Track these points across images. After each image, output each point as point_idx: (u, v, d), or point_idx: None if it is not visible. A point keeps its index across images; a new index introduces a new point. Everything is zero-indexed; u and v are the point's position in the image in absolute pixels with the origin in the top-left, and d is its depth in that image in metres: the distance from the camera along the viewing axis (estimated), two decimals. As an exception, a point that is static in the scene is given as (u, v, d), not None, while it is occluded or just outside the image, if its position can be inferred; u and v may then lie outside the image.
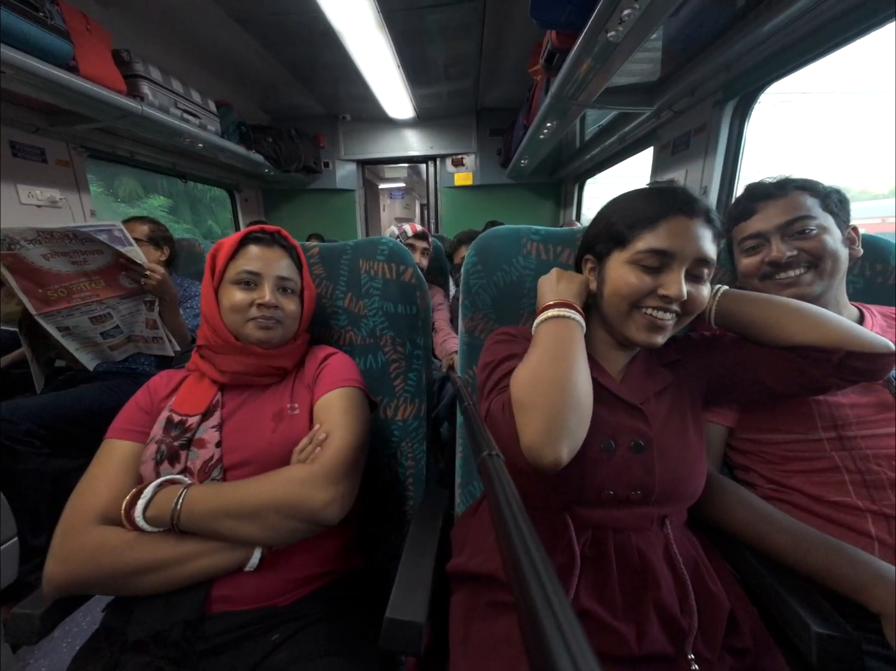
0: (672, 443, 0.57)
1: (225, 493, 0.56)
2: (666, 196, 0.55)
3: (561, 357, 0.52)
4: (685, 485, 0.56)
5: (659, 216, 0.54)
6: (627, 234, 0.56)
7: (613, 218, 0.59)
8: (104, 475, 0.61)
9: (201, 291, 0.71)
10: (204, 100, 2.38)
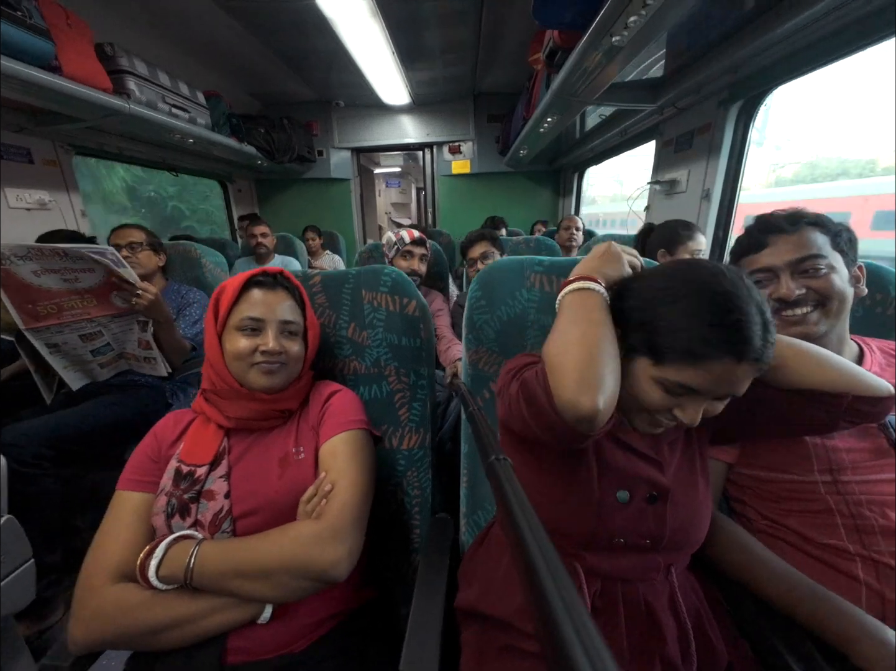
0: (683, 492, 0.58)
1: (236, 553, 0.57)
2: (725, 326, 0.46)
3: (585, 319, 0.53)
4: (693, 533, 0.58)
5: (707, 355, 0.46)
6: (666, 355, 0.49)
7: (658, 322, 0.50)
8: (117, 531, 0.62)
9: (205, 337, 0.71)
10: (192, 92, 2.29)
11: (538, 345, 0.81)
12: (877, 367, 0.70)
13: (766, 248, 0.74)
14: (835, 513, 0.63)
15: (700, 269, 0.51)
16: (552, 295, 0.81)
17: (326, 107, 3.59)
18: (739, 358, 0.45)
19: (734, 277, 0.48)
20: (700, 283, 0.49)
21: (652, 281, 0.54)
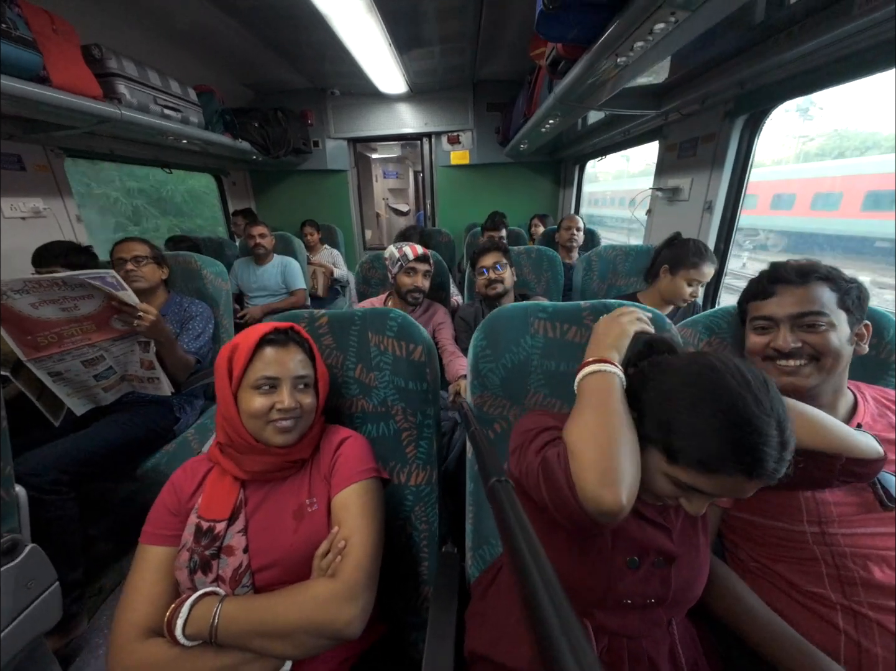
0: (687, 554, 0.61)
1: (257, 613, 0.61)
2: (742, 447, 0.46)
3: (604, 406, 0.55)
4: (694, 590, 0.62)
5: (720, 469, 0.47)
6: (680, 458, 0.50)
7: (676, 425, 0.50)
8: (143, 587, 0.66)
9: (219, 394, 0.72)
10: (183, 89, 2.23)
11: (542, 389, 0.84)
12: (869, 418, 0.73)
13: (772, 296, 0.76)
14: (820, 563, 0.67)
15: (725, 376, 0.49)
16: (556, 340, 0.83)
17: (321, 95, 3.48)
18: (751, 476, 0.46)
19: (759, 391, 0.48)
20: (723, 395, 0.48)
21: (673, 377, 0.53)
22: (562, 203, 3.88)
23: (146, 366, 1.40)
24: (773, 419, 0.47)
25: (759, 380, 0.50)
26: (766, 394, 0.48)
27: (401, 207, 6.76)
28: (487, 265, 1.59)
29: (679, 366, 0.55)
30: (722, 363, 0.51)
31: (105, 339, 1.28)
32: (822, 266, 0.74)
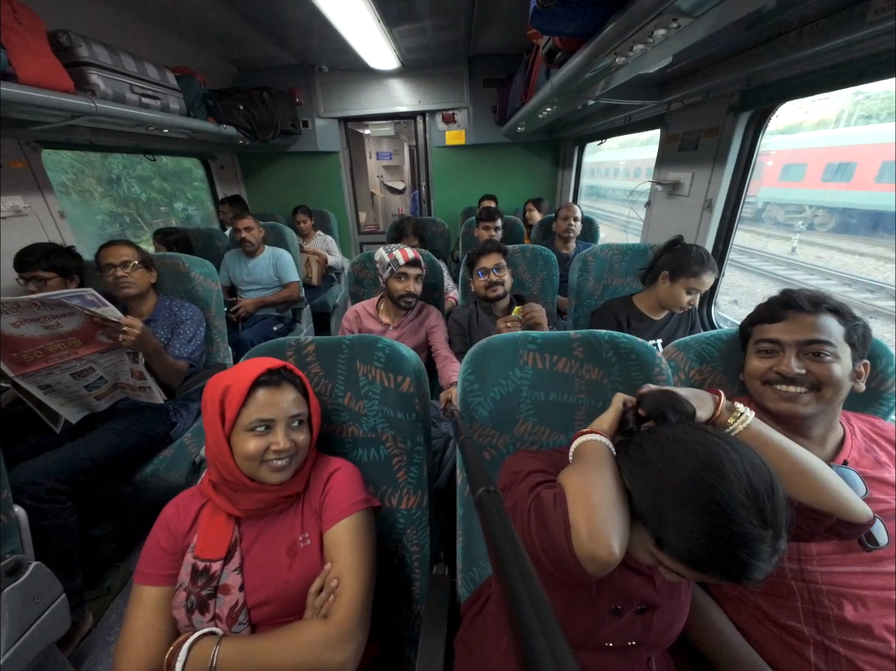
0: (669, 599, 0.63)
1: (254, 656, 0.63)
2: (733, 558, 0.44)
3: (601, 465, 0.56)
4: (675, 630, 0.64)
5: (706, 570, 0.47)
6: (667, 548, 0.49)
7: (666, 518, 0.49)
8: (141, 629, 0.67)
9: (210, 436, 0.72)
10: (161, 73, 2.11)
11: (531, 418, 0.84)
12: (856, 453, 0.73)
13: (781, 321, 0.76)
14: (797, 598, 0.69)
15: (731, 483, 0.46)
16: (545, 371, 0.83)
17: (309, 72, 3.31)
18: (738, 582, 0.45)
19: (763, 502, 0.45)
20: (724, 508, 0.45)
21: (674, 470, 0.50)
22: (560, 185, 3.77)
23: (136, 376, 1.40)
24: (772, 531, 0.45)
25: (768, 486, 0.47)
26: (771, 502, 0.46)
27: (396, 185, 6.57)
28: (488, 267, 1.55)
29: (685, 457, 0.50)
30: (732, 465, 0.47)
31: (93, 353, 1.27)
32: (833, 298, 0.74)
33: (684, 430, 0.55)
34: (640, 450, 0.56)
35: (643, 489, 0.53)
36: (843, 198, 5.09)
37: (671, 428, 0.57)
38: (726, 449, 0.49)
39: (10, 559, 0.95)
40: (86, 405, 1.38)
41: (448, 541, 1.04)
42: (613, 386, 0.80)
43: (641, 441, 0.58)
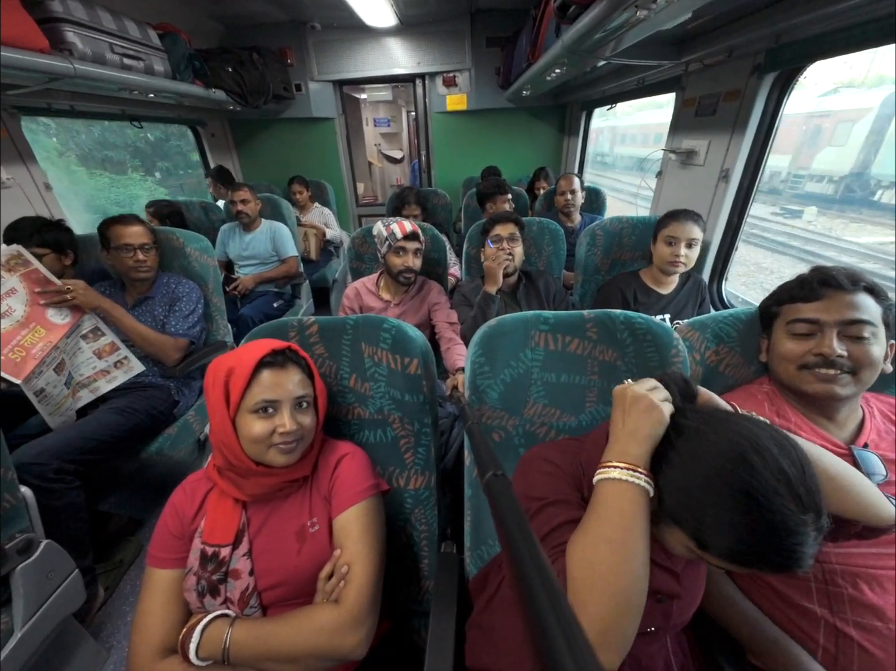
0: (689, 583, 0.62)
1: (266, 639, 0.64)
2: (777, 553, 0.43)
3: (622, 540, 0.48)
4: (691, 613, 0.64)
5: (754, 565, 0.44)
6: (710, 549, 0.46)
7: (705, 519, 0.46)
8: (154, 609, 0.68)
9: (214, 420, 0.70)
10: (143, 31, 1.97)
11: (541, 400, 0.82)
12: (875, 435, 0.72)
13: (818, 300, 0.72)
14: (811, 578, 0.69)
15: (762, 473, 0.44)
16: (557, 353, 0.80)
17: (300, 30, 3.10)
18: (787, 571, 0.44)
19: (798, 485, 0.43)
20: (759, 497, 0.43)
21: (704, 467, 0.47)
22: (566, 153, 3.62)
23: (106, 352, 1.38)
24: (812, 513, 0.43)
25: (798, 467, 0.45)
26: (804, 484, 0.44)
27: (394, 154, 6.34)
28: (502, 235, 1.51)
29: (709, 453, 0.48)
30: (758, 454, 0.45)
31: (62, 338, 1.27)
32: (867, 277, 0.71)
33: (702, 419, 0.52)
34: (664, 441, 0.52)
35: (673, 491, 0.49)
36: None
37: (688, 417, 0.53)
38: (749, 434, 0.47)
39: (20, 538, 0.96)
40: (66, 412, 1.35)
41: (455, 518, 1.05)
42: (628, 367, 0.78)
43: (668, 430, 0.53)
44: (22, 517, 1.00)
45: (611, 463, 0.52)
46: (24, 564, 0.96)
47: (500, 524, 0.34)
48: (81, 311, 1.33)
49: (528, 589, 0.26)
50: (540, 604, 0.25)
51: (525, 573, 0.27)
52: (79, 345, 1.35)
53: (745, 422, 0.49)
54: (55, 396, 1.27)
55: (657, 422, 0.52)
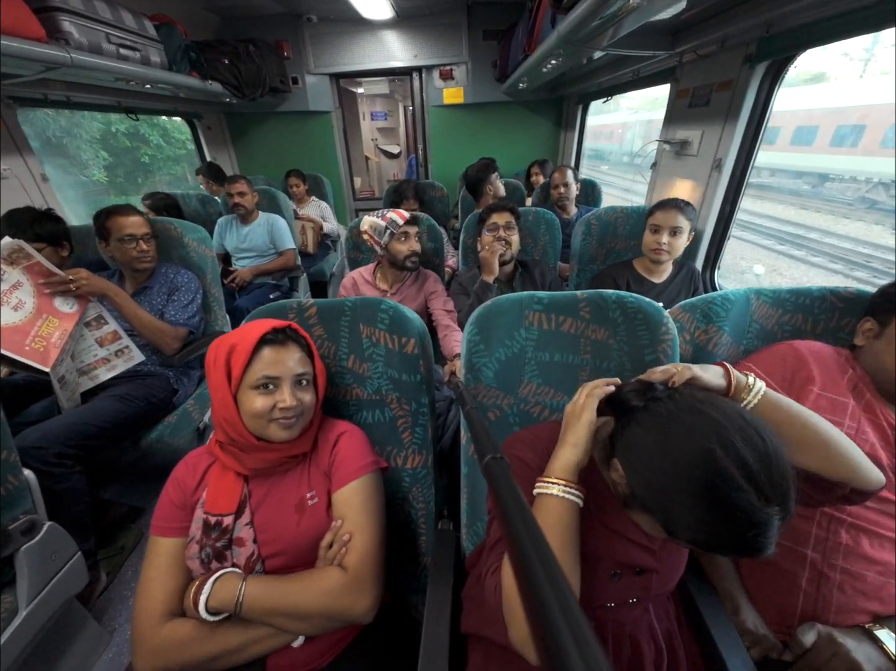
0: (668, 555, 0.64)
1: (278, 598, 0.66)
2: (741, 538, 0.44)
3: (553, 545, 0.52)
4: (674, 580, 0.67)
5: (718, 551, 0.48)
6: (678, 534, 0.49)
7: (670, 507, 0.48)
8: (158, 575, 0.70)
9: (216, 396, 0.72)
10: (139, 22, 1.96)
11: (535, 379, 0.85)
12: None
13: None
14: (812, 523, 0.71)
15: (727, 467, 0.44)
16: (551, 332, 0.82)
17: (297, 22, 3.09)
18: (753, 557, 0.46)
19: (760, 476, 0.44)
20: (722, 492, 0.44)
21: (667, 462, 0.48)
22: (563, 146, 3.63)
23: (108, 340, 1.40)
24: (776, 505, 0.44)
25: (763, 459, 0.45)
26: (769, 476, 0.44)
27: (391, 149, 6.33)
28: (499, 223, 1.53)
29: (675, 447, 0.49)
30: (723, 447, 0.45)
31: (74, 325, 1.29)
32: None
33: (675, 405, 0.53)
34: (634, 432, 0.54)
35: (643, 485, 0.51)
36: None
37: (661, 404, 0.54)
38: (715, 426, 0.47)
39: (24, 520, 0.98)
40: (77, 396, 1.38)
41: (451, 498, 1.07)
42: (619, 346, 0.80)
43: (638, 420, 0.55)
44: (25, 499, 1.01)
45: (549, 478, 0.58)
46: (28, 545, 0.98)
47: (499, 506, 0.35)
48: (86, 299, 1.34)
49: (527, 570, 0.26)
50: (539, 585, 0.25)
51: (524, 554, 0.28)
52: (81, 332, 1.36)
53: (714, 411, 0.49)
54: (71, 383, 1.30)
55: (579, 425, 0.59)
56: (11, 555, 0.95)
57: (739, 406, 0.52)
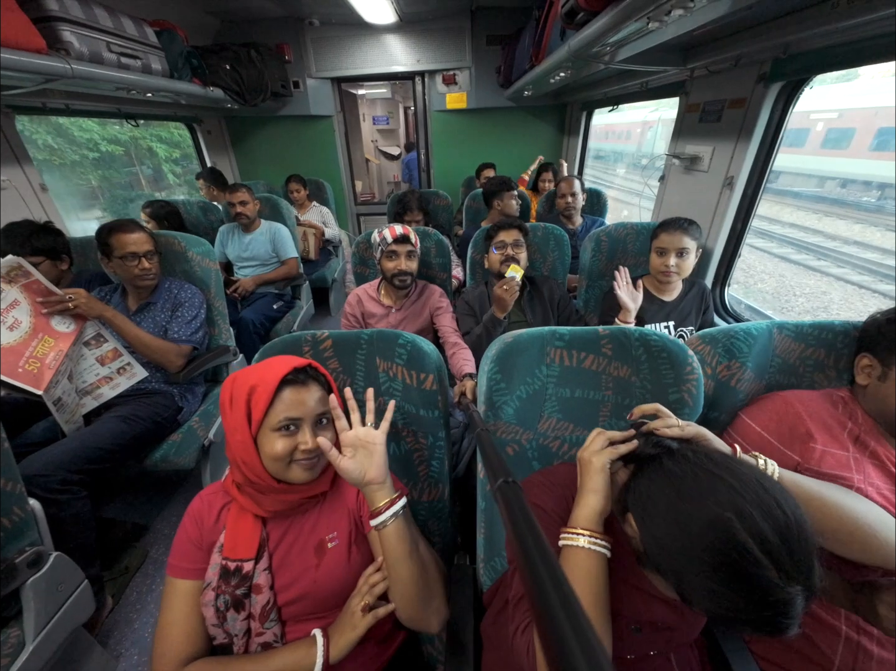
0: (691, 614, 0.62)
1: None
2: (759, 618, 0.42)
3: (585, 598, 0.51)
4: (697, 632, 0.65)
5: (732, 626, 0.47)
6: (694, 604, 0.46)
7: (687, 583, 0.46)
8: (177, 621, 0.69)
9: (235, 438, 0.69)
10: (140, 29, 1.93)
11: (555, 414, 0.83)
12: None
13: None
14: (840, 632, 0.67)
15: (745, 542, 0.41)
16: (572, 368, 0.81)
17: (298, 26, 3.05)
18: (772, 637, 0.43)
19: (781, 554, 0.41)
20: (740, 569, 0.41)
21: (682, 530, 0.46)
22: (566, 153, 3.62)
23: (109, 358, 1.38)
24: (798, 583, 0.41)
25: (782, 532, 0.42)
26: (790, 552, 0.41)
27: (391, 150, 6.29)
28: (507, 241, 1.52)
29: (690, 515, 0.46)
30: (740, 519, 0.43)
31: (71, 346, 1.27)
32: None
33: (689, 466, 0.50)
34: (648, 487, 0.52)
35: (656, 546, 0.49)
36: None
37: (676, 460, 0.52)
38: (730, 496, 0.45)
39: (30, 552, 0.96)
40: (76, 420, 1.35)
41: (466, 527, 1.06)
42: (642, 384, 0.78)
43: (651, 476, 0.53)
44: (31, 530, 0.99)
45: (574, 529, 0.56)
46: (35, 577, 0.96)
47: (512, 530, 0.34)
48: (84, 318, 1.32)
49: (541, 595, 0.26)
50: (553, 611, 0.25)
51: (537, 579, 0.27)
52: (81, 352, 1.34)
53: (731, 475, 0.47)
54: (69, 404, 1.27)
55: (594, 473, 0.58)
56: (18, 588, 0.93)
57: (759, 470, 0.49)
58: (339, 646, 0.67)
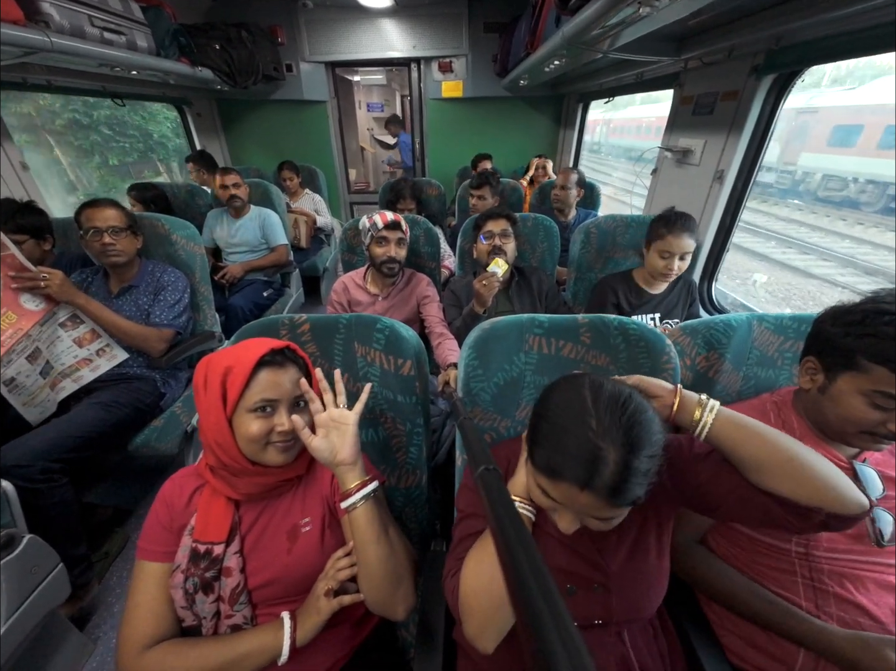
0: (631, 578, 0.63)
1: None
2: (571, 456, 0.52)
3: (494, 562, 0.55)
4: (644, 606, 0.65)
5: (559, 475, 0.53)
6: (535, 461, 0.57)
7: (534, 433, 0.58)
8: (144, 603, 0.68)
9: (209, 420, 0.68)
10: (125, 4, 1.87)
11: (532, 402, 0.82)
12: (878, 454, 0.72)
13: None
14: (797, 575, 0.71)
15: (584, 401, 0.53)
16: (550, 356, 0.80)
17: (291, 7, 2.98)
18: (581, 487, 0.50)
19: (603, 417, 0.51)
20: (572, 416, 0.53)
21: (548, 404, 0.58)
22: (561, 144, 3.59)
23: (87, 340, 1.35)
24: (611, 442, 0.49)
25: (608, 406, 0.52)
26: (614, 419, 0.51)
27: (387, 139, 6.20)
28: (494, 231, 1.50)
29: (562, 385, 0.58)
30: (588, 388, 0.55)
31: (34, 326, 1.23)
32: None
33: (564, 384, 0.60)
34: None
35: (532, 445, 0.58)
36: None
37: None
38: (593, 381, 0.56)
39: (1, 534, 0.94)
40: (44, 403, 1.32)
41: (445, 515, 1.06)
42: (619, 373, 0.78)
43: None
44: (3, 512, 0.98)
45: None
46: (6, 560, 0.94)
47: (492, 517, 0.35)
48: (55, 301, 1.29)
49: (519, 580, 0.27)
50: (531, 595, 0.25)
51: (516, 565, 0.28)
52: (57, 333, 1.30)
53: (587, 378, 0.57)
54: (28, 386, 1.24)
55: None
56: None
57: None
58: (305, 629, 0.67)
